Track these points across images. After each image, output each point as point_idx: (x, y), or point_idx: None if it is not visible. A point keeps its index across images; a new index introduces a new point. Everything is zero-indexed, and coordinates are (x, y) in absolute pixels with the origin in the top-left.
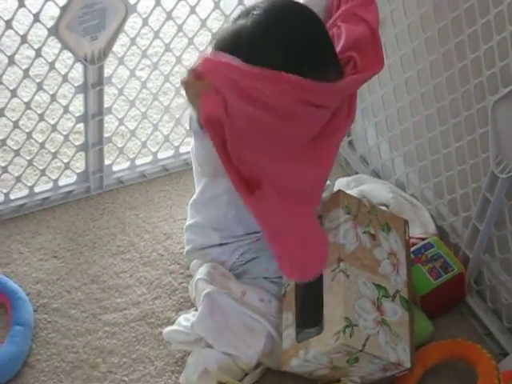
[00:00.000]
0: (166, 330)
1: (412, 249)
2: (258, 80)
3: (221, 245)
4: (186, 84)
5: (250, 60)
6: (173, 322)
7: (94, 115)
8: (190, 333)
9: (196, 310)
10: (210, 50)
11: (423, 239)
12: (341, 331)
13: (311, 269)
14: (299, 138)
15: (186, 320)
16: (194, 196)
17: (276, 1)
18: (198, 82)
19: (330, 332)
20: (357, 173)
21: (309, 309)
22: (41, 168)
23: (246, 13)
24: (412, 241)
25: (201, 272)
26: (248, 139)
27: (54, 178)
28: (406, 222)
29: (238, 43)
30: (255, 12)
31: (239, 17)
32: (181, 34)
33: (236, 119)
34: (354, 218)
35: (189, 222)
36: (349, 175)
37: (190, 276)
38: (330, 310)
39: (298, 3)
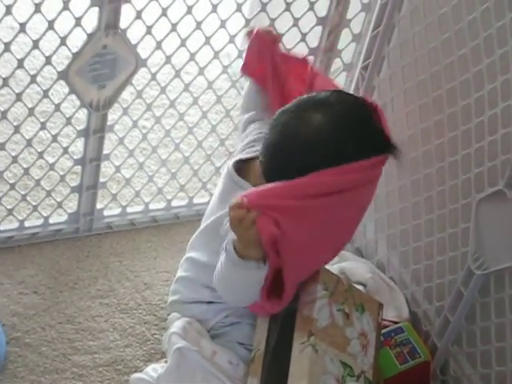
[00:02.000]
0: (134, 376)
1: (383, 331)
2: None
3: (208, 303)
4: (236, 220)
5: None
6: (140, 372)
7: (92, 160)
8: None
9: (166, 362)
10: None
11: (395, 323)
12: None
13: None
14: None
15: (153, 370)
16: (196, 254)
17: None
18: (248, 214)
19: None
20: None
21: (274, 377)
22: (34, 204)
23: (316, 105)
24: (384, 323)
25: (176, 326)
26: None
27: (45, 214)
28: (380, 306)
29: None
30: (335, 109)
31: (307, 109)
32: (187, 90)
33: (288, 231)
34: (331, 294)
35: (181, 274)
36: None
37: (164, 328)
38: (293, 382)
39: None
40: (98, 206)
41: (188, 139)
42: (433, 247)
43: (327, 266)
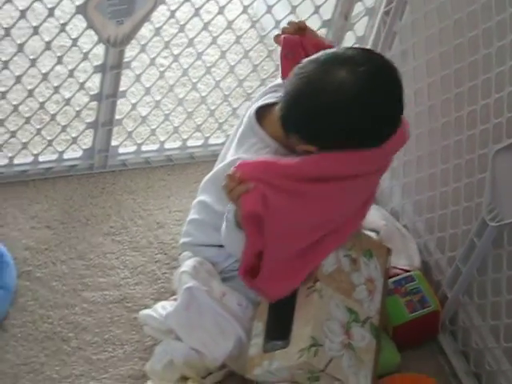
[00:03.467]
0: (142, 312)
1: (393, 279)
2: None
3: (219, 246)
4: (227, 189)
5: (349, 116)
6: (149, 309)
7: (109, 96)
8: (164, 322)
9: (175, 300)
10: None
11: (406, 271)
12: (306, 349)
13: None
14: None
15: (163, 308)
16: (208, 198)
17: (382, 63)
18: (238, 186)
19: (296, 348)
20: None
21: (279, 321)
22: (49, 138)
23: (342, 61)
24: (395, 271)
25: (187, 265)
26: (288, 229)
27: (60, 150)
28: (388, 251)
29: (340, 99)
30: (360, 69)
31: (328, 62)
32: (206, 29)
33: (276, 212)
34: None
35: (194, 216)
36: None
37: (175, 267)
38: (298, 327)
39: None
40: (113, 143)
41: (206, 79)
42: (448, 197)
43: None
